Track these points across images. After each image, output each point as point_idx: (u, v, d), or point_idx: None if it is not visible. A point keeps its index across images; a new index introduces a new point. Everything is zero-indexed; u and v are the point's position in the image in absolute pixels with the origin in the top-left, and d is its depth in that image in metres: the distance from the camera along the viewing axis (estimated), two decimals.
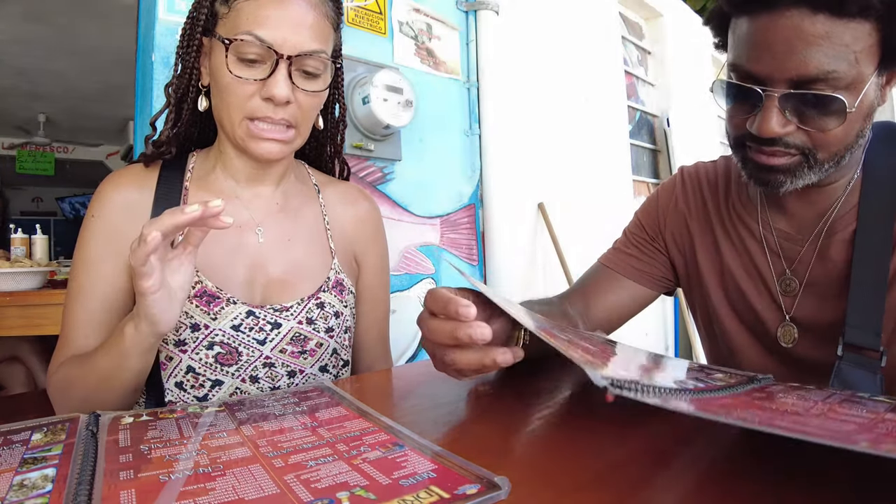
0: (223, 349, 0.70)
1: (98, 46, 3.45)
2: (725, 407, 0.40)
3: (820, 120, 0.61)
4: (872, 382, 0.62)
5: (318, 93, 0.72)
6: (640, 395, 0.38)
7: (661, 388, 0.41)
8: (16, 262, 1.75)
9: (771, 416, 0.38)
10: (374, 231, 0.90)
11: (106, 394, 0.62)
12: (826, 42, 0.57)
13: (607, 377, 0.38)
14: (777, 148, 0.63)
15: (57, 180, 6.30)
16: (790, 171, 0.65)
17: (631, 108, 3.03)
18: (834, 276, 0.70)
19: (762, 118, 0.61)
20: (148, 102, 1.24)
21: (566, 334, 0.57)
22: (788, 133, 0.62)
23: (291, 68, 0.67)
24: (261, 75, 0.67)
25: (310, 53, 0.68)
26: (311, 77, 0.70)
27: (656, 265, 0.90)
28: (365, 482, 0.34)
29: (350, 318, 0.83)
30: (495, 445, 0.47)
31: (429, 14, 1.86)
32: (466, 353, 0.51)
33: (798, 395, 0.47)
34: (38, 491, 0.34)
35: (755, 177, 0.68)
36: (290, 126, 0.71)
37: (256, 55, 0.66)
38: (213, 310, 0.70)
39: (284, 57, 0.66)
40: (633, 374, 0.48)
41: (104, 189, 0.73)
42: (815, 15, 0.57)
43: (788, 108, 0.61)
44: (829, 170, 0.65)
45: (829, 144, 0.62)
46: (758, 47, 0.61)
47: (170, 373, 0.70)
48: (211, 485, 0.34)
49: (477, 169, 2.00)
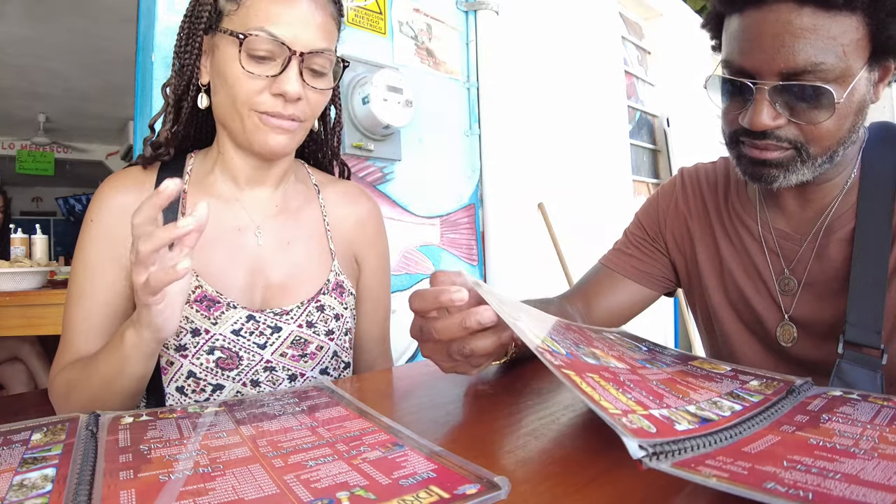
0: (224, 354, 0.70)
1: (98, 46, 3.45)
2: (772, 455, 0.36)
3: (810, 112, 0.61)
4: (873, 381, 0.62)
5: (326, 90, 0.73)
6: (678, 456, 0.35)
7: (698, 440, 0.37)
8: (16, 262, 1.75)
9: (823, 482, 0.33)
10: (375, 231, 0.90)
11: (108, 396, 0.62)
12: (813, 35, 0.58)
13: (645, 446, 0.33)
14: (769, 141, 0.64)
15: (57, 180, 6.30)
16: (783, 165, 0.65)
17: (631, 107, 3.03)
18: (832, 275, 0.71)
19: (753, 111, 0.63)
20: (148, 102, 1.24)
21: (582, 344, 0.53)
22: (780, 126, 0.63)
23: (302, 65, 0.68)
24: (271, 71, 0.67)
25: (320, 51, 0.69)
26: (319, 75, 0.71)
27: (657, 265, 0.90)
28: (365, 482, 0.34)
29: (350, 320, 0.83)
30: (495, 445, 0.47)
31: (429, 14, 1.86)
32: (480, 338, 0.50)
33: (844, 417, 0.44)
34: (38, 491, 0.34)
35: (749, 172, 0.68)
36: (297, 121, 0.71)
37: (267, 52, 0.66)
38: (213, 314, 0.70)
39: (297, 54, 0.67)
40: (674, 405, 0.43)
41: (102, 192, 0.72)
42: (801, 8, 0.58)
43: (779, 101, 0.62)
44: (822, 165, 0.65)
45: (821, 138, 0.63)
46: (748, 42, 0.62)
47: (171, 377, 0.69)
48: (211, 485, 0.34)
49: (477, 169, 2.00)
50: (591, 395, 0.38)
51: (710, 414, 0.43)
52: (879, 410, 0.46)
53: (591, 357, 0.50)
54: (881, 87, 0.65)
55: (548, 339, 0.48)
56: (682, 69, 3.40)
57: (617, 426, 0.35)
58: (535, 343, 0.44)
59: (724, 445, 0.38)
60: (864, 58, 0.61)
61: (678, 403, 0.44)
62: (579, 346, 0.52)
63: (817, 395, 0.51)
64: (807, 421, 0.44)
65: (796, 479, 0.32)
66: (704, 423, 0.41)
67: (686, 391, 0.49)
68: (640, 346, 0.63)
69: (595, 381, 0.42)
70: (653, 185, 3.16)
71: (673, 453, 0.34)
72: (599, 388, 0.41)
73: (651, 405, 0.41)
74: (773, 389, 0.52)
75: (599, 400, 0.38)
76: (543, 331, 0.50)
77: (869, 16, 0.59)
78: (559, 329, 0.56)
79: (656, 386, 0.48)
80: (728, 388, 0.52)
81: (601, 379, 0.44)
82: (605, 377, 0.45)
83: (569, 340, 0.52)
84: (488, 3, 1.96)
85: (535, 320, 0.54)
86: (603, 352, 0.54)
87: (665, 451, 0.34)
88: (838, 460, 0.35)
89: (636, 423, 0.36)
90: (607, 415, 0.36)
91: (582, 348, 0.52)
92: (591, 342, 0.56)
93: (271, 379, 0.73)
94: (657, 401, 0.43)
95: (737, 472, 0.33)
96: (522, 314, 0.52)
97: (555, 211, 2.26)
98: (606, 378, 0.44)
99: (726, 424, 0.41)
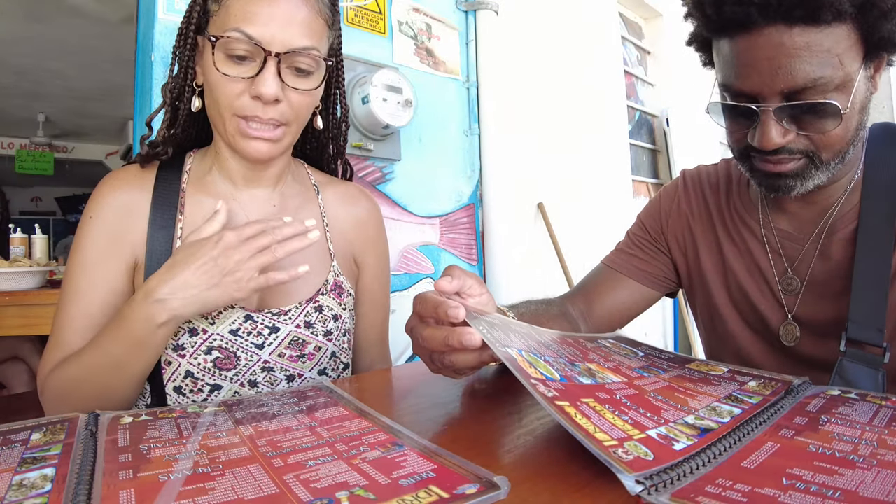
0: (221, 354, 0.70)
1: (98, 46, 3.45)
2: (771, 470, 0.36)
3: (818, 124, 0.62)
4: (874, 379, 0.63)
5: (310, 91, 0.70)
6: (678, 483, 0.34)
7: (698, 459, 0.37)
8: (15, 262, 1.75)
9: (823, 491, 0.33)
10: (375, 232, 0.89)
11: (118, 382, 0.64)
12: (807, 52, 0.58)
13: (640, 479, 0.33)
14: (782, 156, 0.64)
15: (56, 180, 6.30)
16: (799, 174, 0.66)
17: (630, 107, 3.03)
18: (835, 274, 0.71)
19: (761, 132, 0.63)
20: (147, 102, 1.24)
21: (576, 360, 0.53)
22: (790, 141, 0.63)
23: (281, 66, 0.66)
24: (249, 73, 0.66)
25: (300, 50, 0.66)
26: (303, 75, 0.69)
27: (659, 266, 0.90)
28: (364, 482, 0.34)
29: (349, 321, 0.83)
30: (495, 445, 0.47)
31: (428, 14, 1.86)
32: (462, 354, 0.51)
33: (842, 419, 0.44)
34: (38, 491, 0.34)
35: (766, 184, 0.69)
36: (279, 125, 0.69)
37: (245, 52, 0.65)
38: (211, 314, 0.70)
39: (273, 54, 0.65)
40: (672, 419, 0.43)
41: (101, 190, 0.72)
42: (791, 29, 0.58)
43: (785, 118, 0.62)
44: (835, 167, 0.66)
45: (832, 144, 0.63)
46: (744, 67, 0.62)
47: (169, 377, 0.69)
48: (210, 484, 0.34)
49: (476, 168, 2.00)
50: (585, 427, 0.39)
51: (709, 423, 0.43)
52: (878, 411, 0.46)
53: (587, 375, 0.50)
54: (878, 77, 0.65)
55: (541, 362, 0.48)
56: (681, 69, 3.39)
57: (612, 462, 0.35)
58: (527, 374, 0.44)
59: (724, 460, 0.38)
60: (860, 59, 0.61)
61: (677, 416, 0.45)
62: (574, 364, 0.52)
63: (816, 394, 0.51)
64: (806, 423, 0.44)
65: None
66: (704, 434, 0.41)
67: (685, 399, 0.49)
68: (637, 352, 0.63)
69: (590, 408, 0.42)
70: (652, 185, 3.16)
71: (672, 480, 0.34)
72: (595, 416, 0.41)
73: (648, 424, 0.42)
74: (772, 390, 0.52)
75: (594, 432, 0.38)
76: (536, 353, 0.51)
77: (859, 21, 0.58)
78: (553, 346, 0.56)
79: (654, 398, 0.48)
80: (726, 390, 0.52)
81: (597, 403, 0.44)
82: (600, 399, 0.45)
83: (563, 358, 0.52)
84: (488, 3, 1.96)
85: (526, 339, 0.53)
86: (599, 365, 0.54)
87: (664, 480, 0.34)
88: (837, 472, 0.35)
89: (633, 453, 0.37)
90: (602, 449, 0.36)
91: (577, 366, 0.52)
92: (586, 356, 0.56)
93: (269, 379, 0.73)
94: (655, 417, 0.44)
95: (737, 501, 0.32)
96: (514, 336, 0.52)
97: (554, 211, 2.26)
98: (602, 401, 0.44)
99: (726, 432, 0.41)
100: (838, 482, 0.34)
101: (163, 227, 0.71)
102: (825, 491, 0.33)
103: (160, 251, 0.70)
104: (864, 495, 0.32)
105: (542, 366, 0.48)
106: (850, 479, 0.34)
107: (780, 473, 0.35)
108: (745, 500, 0.32)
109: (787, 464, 0.37)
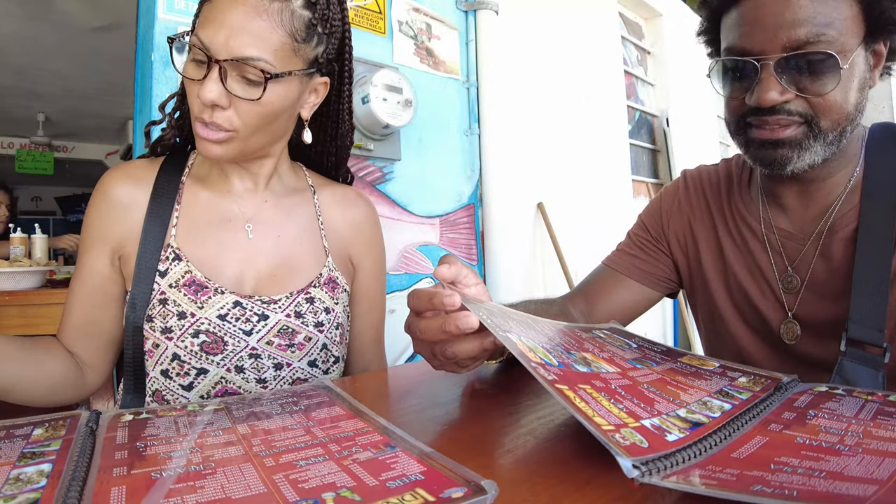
0: (208, 338, 0.71)
1: (98, 46, 3.45)
2: (760, 458, 0.37)
3: (816, 84, 0.63)
4: (874, 379, 0.63)
5: (256, 101, 0.67)
6: (670, 470, 0.35)
7: (689, 451, 0.37)
8: (15, 262, 1.75)
9: (809, 479, 0.33)
10: (372, 235, 0.90)
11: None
12: (811, 10, 0.62)
13: (637, 464, 0.34)
14: (780, 117, 0.65)
15: (56, 180, 6.30)
16: (796, 143, 0.66)
17: (630, 107, 3.03)
18: (835, 273, 0.71)
19: (760, 88, 0.64)
20: (147, 102, 1.24)
21: (574, 349, 0.53)
22: (788, 100, 0.64)
23: (229, 73, 0.65)
24: (200, 76, 0.67)
25: (244, 60, 0.64)
26: (250, 84, 0.67)
27: (660, 266, 0.90)
28: (352, 483, 0.34)
29: (343, 315, 0.83)
30: (494, 445, 0.47)
31: (428, 14, 1.86)
32: (462, 342, 0.51)
33: (829, 413, 0.45)
34: (32, 485, 0.34)
35: (760, 157, 0.69)
36: (224, 130, 0.68)
37: (200, 56, 0.66)
38: (200, 299, 0.72)
39: (214, 60, 0.65)
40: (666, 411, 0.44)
41: (103, 184, 0.75)
42: None
43: (785, 76, 0.63)
44: (832, 144, 0.66)
45: (830, 110, 0.64)
46: (748, 25, 0.65)
47: (156, 360, 0.71)
48: (200, 483, 0.34)
49: (476, 169, 2.00)
50: (584, 410, 0.39)
51: (700, 417, 0.44)
52: (864, 405, 0.47)
53: (582, 364, 0.50)
54: (876, 73, 0.67)
55: (539, 348, 0.48)
56: (681, 69, 3.39)
57: (611, 445, 0.35)
58: (528, 357, 0.44)
59: (714, 452, 0.38)
60: (860, 36, 0.63)
61: (669, 408, 0.45)
62: (570, 353, 0.52)
63: (804, 391, 0.52)
64: (794, 418, 0.44)
65: (782, 481, 0.33)
66: (695, 427, 0.42)
67: (676, 392, 0.49)
68: (630, 343, 0.63)
69: (588, 394, 0.43)
70: (652, 185, 3.16)
71: (665, 467, 0.35)
72: (592, 402, 0.41)
73: (643, 414, 0.42)
74: (762, 386, 0.53)
75: (593, 416, 0.39)
76: (534, 339, 0.50)
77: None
78: (548, 333, 0.56)
79: (647, 389, 0.48)
80: (717, 385, 0.52)
81: (593, 390, 0.44)
82: (596, 387, 0.45)
83: (559, 347, 0.52)
84: (488, 3, 1.96)
85: (524, 327, 0.53)
86: (593, 355, 0.54)
87: (658, 467, 0.35)
88: (824, 459, 0.36)
89: (629, 439, 0.37)
90: (601, 432, 0.37)
91: (573, 354, 0.52)
92: (581, 345, 0.56)
93: (256, 366, 0.74)
94: (648, 408, 0.44)
95: (725, 480, 0.33)
96: (512, 323, 0.52)
97: (554, 211, 2.26)
98: (598, 388, 0.45)
99: (716, 427, 0.42)
100: (824, 466, 0.35)
101: (158, 216, 0.74)
102: (812, 472, 0.34)
103: (154, 237, 0.74)
104: (849, 474, 0.33)
105: (541, 351, 0.48)
106: (835, 463, 0.35)
107: (768, 461, 0.36)
108: (734, 480, 0.33)
109: (775, 453, 0.38)
